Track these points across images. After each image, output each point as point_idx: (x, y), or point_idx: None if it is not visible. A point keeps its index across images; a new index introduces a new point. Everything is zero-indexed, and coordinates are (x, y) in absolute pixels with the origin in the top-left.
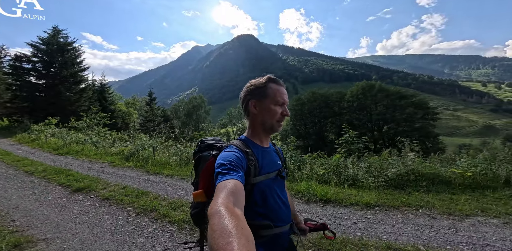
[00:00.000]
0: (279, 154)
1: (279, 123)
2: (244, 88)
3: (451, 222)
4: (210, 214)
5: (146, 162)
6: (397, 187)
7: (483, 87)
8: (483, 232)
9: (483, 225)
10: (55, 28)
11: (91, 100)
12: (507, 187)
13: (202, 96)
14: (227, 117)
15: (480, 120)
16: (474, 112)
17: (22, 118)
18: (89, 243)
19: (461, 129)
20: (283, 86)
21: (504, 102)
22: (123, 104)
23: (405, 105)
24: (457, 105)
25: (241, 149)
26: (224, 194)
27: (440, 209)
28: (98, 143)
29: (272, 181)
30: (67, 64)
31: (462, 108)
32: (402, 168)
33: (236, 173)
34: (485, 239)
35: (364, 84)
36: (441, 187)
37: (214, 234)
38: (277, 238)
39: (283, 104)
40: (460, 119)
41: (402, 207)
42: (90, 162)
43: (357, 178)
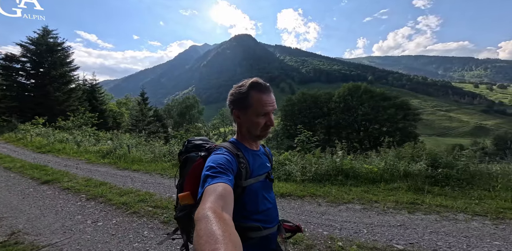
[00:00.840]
0: (269, 156)
1: (265, 132)
2: (229, 94)
3: (327, 208)
4: (197, 219)
5: (120, 159)
6: (320, 180)
7: (475, 88)
8: (340, 216)
9: (346, 210)
10: (45, 29)
11: (81, 100)
12: (403, 181)
13: (195, 96)
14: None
15: (472, 121)
16: (466, 113)
17: (10, 118)
18: (34, 219)
19: (453, 129)
20: (267, 93)
21: (496, 103)
22: (115, 104)
23: (387, 106)
24: (449, 106)
25: (231, 152)
26: (213, 197)
27: (330, 198)
28: (81, 142)
29: (261, 183)
30: (56, 64)
31: (455, 109)
32: (329, 164)
33: (226, 177)
34: (334, 221)
35: (350, 85)
36: (352, 181)
37: (200, 240)
38: (265, 240)
39: (266, 114)
40: (452, 120)
41: (306, 196)
42: (68, 159)
43: (291, 173)
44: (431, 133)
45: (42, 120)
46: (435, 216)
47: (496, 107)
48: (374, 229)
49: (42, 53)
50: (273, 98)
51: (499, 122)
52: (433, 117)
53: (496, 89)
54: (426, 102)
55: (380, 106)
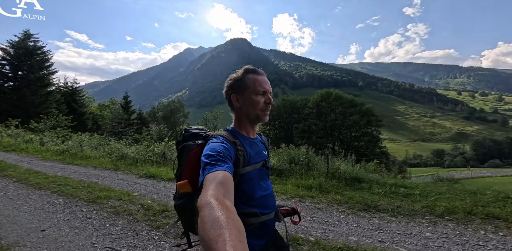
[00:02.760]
0: (265, 144)
1: (264, 113)
2: (225, 83)
3: None
4: (201, 206)
5: (71, 156)
6: None
7: (459, 95)
8: None
9: None
10: (26, 32)
11: (58, 102)
12: (303, 176)
13: (180, 100)
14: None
15: (454, 127)
16: (449, 120)
17: None
18: None
19: (437, 135)
20: (262, 75)
21: (477, 110)
22: (97, 107)
23: (353, 112)
24: (434, 113)
25: (228, 140)
26: (214, 185)
27: None
28: (47, 142)
29: (258, 171)
30: (34, 68)
31: (439, 115)
32: None
33: (225, 164)
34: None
35: (323, 92)
36: None
37: (205, 226)
38: (263, 226)
39: (264, 93)
40: (436, 126)
41: None
42: (27, 157)
43: None
44: (416, 138)
45: (16, 122)
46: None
47: (477, 114)
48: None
49: (20, 57)
50: (268, 81)
51: (480, 128)
52: (418, 123)
53: (477, 97)
54: (412, 108)
55: (347, 112)
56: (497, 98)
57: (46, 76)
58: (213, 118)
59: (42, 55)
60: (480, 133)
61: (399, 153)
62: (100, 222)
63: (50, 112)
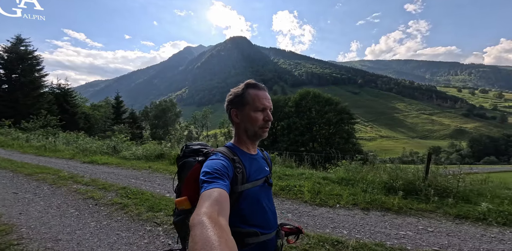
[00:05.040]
0: (267, 160)
1: (262, 130)
2: (226, 97)
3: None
4: (192, 225)
5: (46, 150)
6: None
7: (459, 92)
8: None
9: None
10: (18, 37)
11: (50, 103)
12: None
13: (172, 100)
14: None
15: (452, 124)
16: (447, 117)
17: None
18: None
19: (435, 132)
20: (263, 90)
21: (476, 107)
22: (89, 107)
23: (328, 110)
24: (433, 110)
25: (227, 157)
26: (208, 203)
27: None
28: (32, 140)
29: (259, 188)
30: (26, 71)
31: (437, 113)
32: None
33: (222, 182)
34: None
35: (303, 91)
36: None
37: (195, 246)
38: (263, 246)
39: (264, 109)
40: (434, 123)
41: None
42: (10, 151)
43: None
44: (414, 136)
45: (8, 122)
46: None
47: (476, 111)
48: None
49: (13, 61)
50: (269, 97)
51: (478, 125)
52: (417, 121)
53: (478, 94)
54: (411, 105)
55: (322, 110)
56: (497, 95)
57: (37, 79)
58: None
59: (33, 59)
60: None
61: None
62: (26, 183)
63: (40, 113)
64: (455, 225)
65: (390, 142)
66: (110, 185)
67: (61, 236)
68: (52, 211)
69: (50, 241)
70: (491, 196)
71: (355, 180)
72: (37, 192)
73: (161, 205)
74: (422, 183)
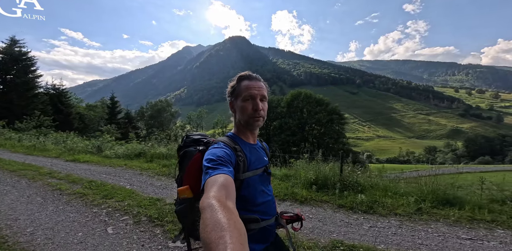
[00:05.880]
0: (266, 150)
1: (254, 119)
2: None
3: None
4: (202, 208)
5: (35, 149)
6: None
7: (456, 93)
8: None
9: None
10: (12, 38)
11: (44, 104)
12: None
13: (167, 100)
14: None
15: (449, 124)
16: (444, 117)
17: None
18: None
19: (432, 132)
20: (255, 79)
21: (473, 107)
22: (84, 107)
23: (318, 111)
24: (429, 110)
25: (229, 145)
26: (216, 187)
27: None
28: (24, 140)
29: (259, 176)
30: (20, 72)
31: (434, 113)
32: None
33: (226, 168)
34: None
35: (295, 92)
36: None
37: (206, 228)
38: (264, 231)
39: (251, 98)
40: (431, 123)
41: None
42: (1, 150)
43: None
44: (411, 135)
45: (3, 123)
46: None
47: (473, 111)
48: None
49: (7, 62)
50: (261, 85)
51: (474, 125)
52: (414, 121)
53: (474, 94)
54: (409, 106)
55: (313, 111)
56: (493, 95)
57: (32, 80)
58: (196, 118)
59: (27, 60)
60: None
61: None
62: (9, 178)
63: (33, 113)
64: (332, 212)
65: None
66: (80, 179)
67: (21, 217)
68: (22, 199)
69: (10, 220)
70: (382, 189)
71: (292, 176)
72: (16, 185)
73: (115, 194)
74: (333, 178)
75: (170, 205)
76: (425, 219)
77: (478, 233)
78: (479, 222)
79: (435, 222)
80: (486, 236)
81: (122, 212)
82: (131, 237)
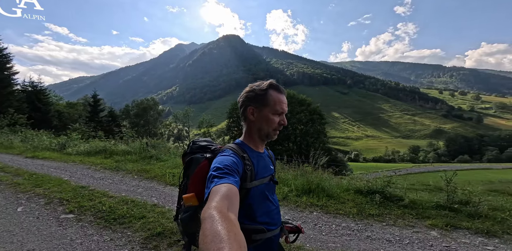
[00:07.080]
0: (272, 159)
1: (275, 132)
2: (244, 92)
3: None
4: (203, 218)
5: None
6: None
7: (440, 94)
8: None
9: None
10: None
11: (20, 101)
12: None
13: (154, 98)
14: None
15: (432, 124)
16: (428, 117)
17: None
18: None
19: (416, 132)
20: (283, 94)
21: (455, 108)
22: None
23: (300, 111)
24: (415, 111)
25: (237, 154)
26: (219, 198)
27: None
28: None
29: (265, 185)
30: None
31: (419, 113)
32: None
33: (232, 178)
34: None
35: None
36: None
37: (205, 239)
38: (269, 242)
39: (281, 113)
40: (416, 123)
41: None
42: None
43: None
44: (397, 135)
45: None
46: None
47: (455, 112)
48: None
49: None
50: (286, 102)
51: (456, 126)
52: (401, 121)
53: (457, 96)
54: (396, 106)
55: (294, 111)
56: (474, 97)
57: (7, 77)
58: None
59: (3, 57)
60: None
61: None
62: None
63: (7, 111)
64: (287, 210)
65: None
66: (24, 172)
67: None
68: None
69: None
70: (334, 192)
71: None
72: None
73: (47, 183)
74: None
75: (91, 191)
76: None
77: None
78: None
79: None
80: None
81: (41, 197)
82: (32, 213)
